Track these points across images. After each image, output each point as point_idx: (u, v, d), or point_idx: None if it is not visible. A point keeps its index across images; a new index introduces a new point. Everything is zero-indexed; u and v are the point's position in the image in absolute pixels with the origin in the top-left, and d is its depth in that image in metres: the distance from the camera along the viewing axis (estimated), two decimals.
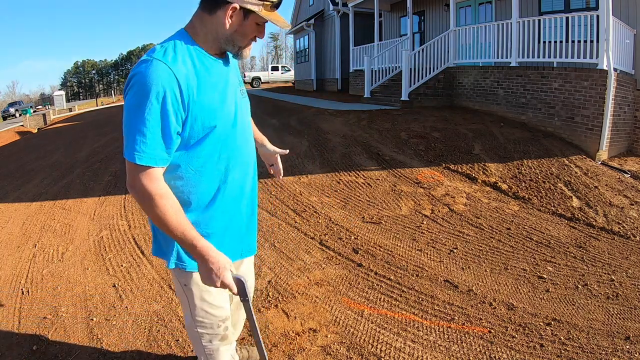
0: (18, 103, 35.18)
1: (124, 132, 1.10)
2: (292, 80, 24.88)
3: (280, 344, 2.18)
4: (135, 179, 1.10)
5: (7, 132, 16.60)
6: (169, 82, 1.08)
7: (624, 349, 2.18)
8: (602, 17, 5.63)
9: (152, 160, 1.10)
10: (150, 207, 1.12)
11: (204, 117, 1.17)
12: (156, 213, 1.11)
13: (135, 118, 1.07)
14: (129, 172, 1.11)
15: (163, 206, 1.11)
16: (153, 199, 1.10)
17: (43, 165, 7.01)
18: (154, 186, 1.11)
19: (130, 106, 1.08)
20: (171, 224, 1.12)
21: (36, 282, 2.94)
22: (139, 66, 1.10)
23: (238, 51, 1.25)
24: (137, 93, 1.07)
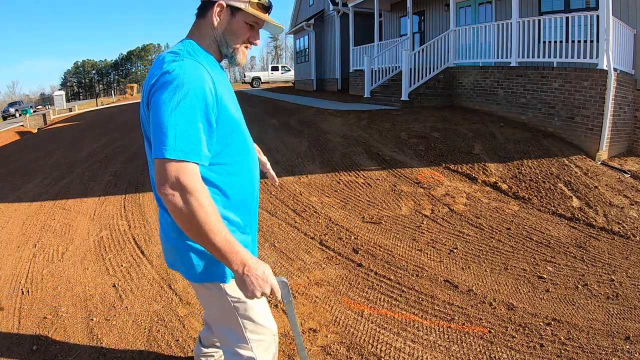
0: (18, 103, 35.17)
1: (157, 131, 1.02)
2: (292, 80, 24.88)
3: (280, 343, 2.18)
4: (174, 177, 1.01)
5: (7, 132, 16.59)
6: (205, 78, 1.08)
7: (624, 349, 2.18)
8: (602, 17, 5.63)
9: (196, 156, 1.04)
10: (191, 208, 1.00)
11: (227, 118, 1.17)
12: (198, 214, 1.01)
13: (174, 113, 1.02)
14: (164, 171, 1.01)
15: (207, 205, 1.02)
16: (197, 198, 1.01)
17: (43, 165, 7.01)
18: (196, 182, 1.03)
19: (165, 102, 1.02)
20: (214, 227, 1.02)
21: (36, 282, 2.94)
22: (168, 64, 1.07)
23: (232, 53, 1.24)
24: (174, 89, 1.03)
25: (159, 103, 1.03)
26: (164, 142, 1.01)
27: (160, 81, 1.05)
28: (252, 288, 1.07)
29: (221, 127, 1.14)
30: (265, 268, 1.09)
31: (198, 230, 1.02)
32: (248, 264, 1.06)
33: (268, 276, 1.09)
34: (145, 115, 1.15)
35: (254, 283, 1.07)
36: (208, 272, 1.20)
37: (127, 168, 6.04)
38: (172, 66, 1.07)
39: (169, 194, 1.01)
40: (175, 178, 1.01)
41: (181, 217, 1.02)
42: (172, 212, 1.03)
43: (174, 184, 1.01)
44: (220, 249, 1.04)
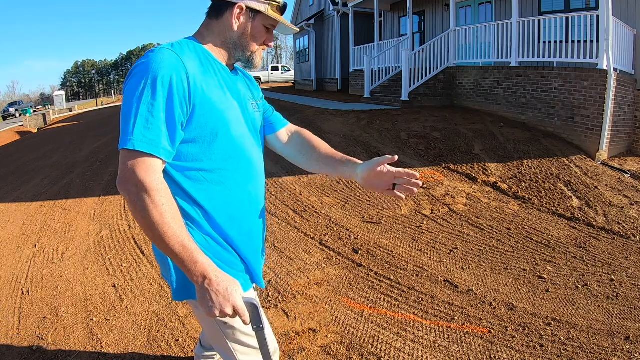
0: (18, 103, 35.19)
1: (121, 121, 0.95)
2: (292, 80, 24.88)
3: (280, 344, 2.18)
4: (129, 170, 0.91)
5: (7, 132, 16.60)
6: (176, 67, 0.98)
7: (624, 349, 2.18)
8: (602, 17, 5.63)
9: (154, 148, 0.93)
10: (145, 207, 0.89)
11: (209, 114, 1.05)
12: (152, 214, 0.89)
13: (136, 102, 0.94)
14: (122, 164, 0.92)
15: (162, 205, 0.91)
16: (151, 196, 0.90)
17: (43, 165, 7.01)
18: (151, 179, 0.91)
19: (130, 91, 0.95)
20: (169, 229, 0.90)
21: (36, 282, 2.94)
22: (143, 57, 1.01)
23: (249, 57, 1.18)
24: (140, 78, 0.96)
25: (125, 93, 0.97)
26: (124, 131, 0.93)
27: (131, 73, 0.99)
28: (211, 305, 0.92)
29: (200, 124, 1.03)
30: (230, 284, 0.94)
31: (152, 232, 0.91)
32: (209, 277, 0.92)
33: (231, 294, 0.93)
34: None
35: (212, 299, 0.92)
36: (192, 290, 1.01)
37: None
38: (144, 57, 1.00)
39: (124, 190, 0.91)
40: (131, 171, 0.91)
41: (136, 216, 0.92)
42: (130, 210, 0.93)
43: (129, 178, 0.91)
44: (177, 255, 0.92)
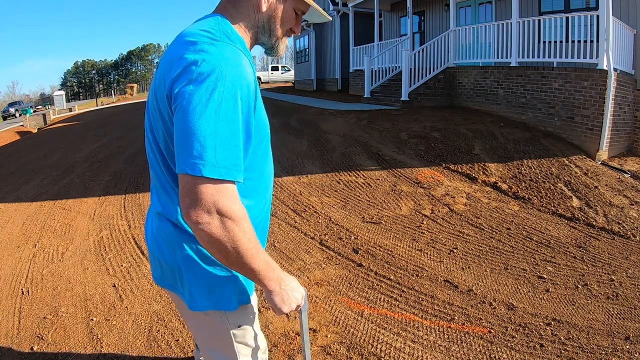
0: (18, 103, 35.20)
1: (188, 139, 0.78)
2: (292, 80, 24.88)
3: (280, 344, 2.18)
4: (212, 202, 0.79)
5: (7, 132, 16.60)
6: (247, 72, 0.85)
7: (624, 349, 2.18)
8: (602, 17, 5.63)
9: (238, 174, 0.82)
10: (232, 237, 0.82)
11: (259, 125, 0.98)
12: (240, 243, 0.83)
13: (214, 118, 0.79)
14: (199, 194, 0.79)
15: (249, 231, 0.84)
16: (239, 224, 0.82)
17: (43, 165, 7.01)
18: (237, 207, 0.82)
19: (202, 103, 0.78)
20: (255, 252, 0.86)
21: (36, 282, 2.94)
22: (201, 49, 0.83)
23: (274, 43, 1.05)
24: (215, 85, 0.79)
25: (192, 102, 0.79)
26: (200, 155, 0.78)
27: (192, 71, 0.80)
28: (290, 302, 0.98)
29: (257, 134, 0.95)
30: (293, 280, 1.01)
31: (237, 258, 0.85)
32: (284, 280, 0.97)
33: (298, 287, 1.01)
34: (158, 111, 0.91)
35: (290, 297, 0.98)
36: (215, 299, 1.01)
37: (127, 168, 6.03)
38: (207, 52, 0.82)
39: (204, 222, 0.80)
40: (212, 202, 0.79)
41: (218, 246, 0.82)
42: (206, 242, 0.82)
43: (211, 209, 0.79)
44: (259, 272, 0.90)
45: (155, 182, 1.03)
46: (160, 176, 0.99)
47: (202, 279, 0.98)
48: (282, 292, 0.97)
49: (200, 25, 0.92)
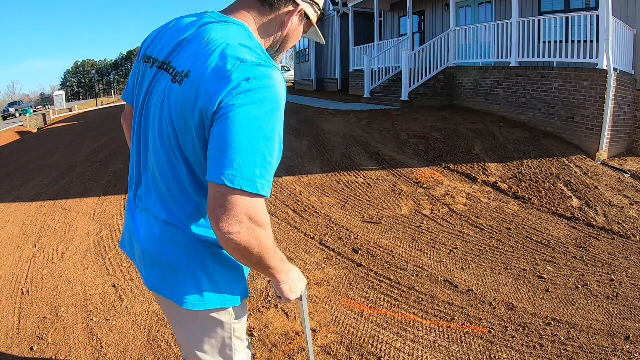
0: (18, 103, 35.22)
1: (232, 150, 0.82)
2: (292, 80, 24.88)
3: (280, 344, 2.18)
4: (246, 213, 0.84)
5: (7, 132, 16.60)
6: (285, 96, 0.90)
7: (624, 349, 2.18)
8: (602, 17, 5.63)
9: (269, 190, 0.88)
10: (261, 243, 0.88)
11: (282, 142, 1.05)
12: (266, 247, 0.90)
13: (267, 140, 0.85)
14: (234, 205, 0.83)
15: (272, 235, 0.92)
16: (266, 231, 0.89)
17: (43, 165, 7.01)
18: (267, 216, 0.90)
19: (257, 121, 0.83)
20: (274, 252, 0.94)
21: (36, 282, 2.94)
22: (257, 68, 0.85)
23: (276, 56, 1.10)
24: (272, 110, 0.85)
25: (250, 118, 0.83)
26: (241, 168, 0.82)
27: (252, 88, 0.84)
28: (296, 290, 1.08)
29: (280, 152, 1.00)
30: (297, 270, 1.09)
31: (259, 260, 0.91)
32: (291, 270, 1.06)
33: (302, 276, 1.10)
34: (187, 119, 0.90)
35: (297, 286, 1.07)
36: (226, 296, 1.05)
37: (127, 168, 6.02)
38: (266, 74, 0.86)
39: (235, 232, 0.84)
40: (246, 213, 0.84)
41: (245, 253, 0.88)
42: (234, 249, 0.87)
43: (243, 220, 0.84)
44: (274, 267, 0.97)
45: (160, 188, 1.01)
46: (172, 184, 0.98)
47: (216, 279, 1.02)
48: (289, 282, 1.05)
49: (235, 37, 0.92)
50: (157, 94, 0.98)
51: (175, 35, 0.99)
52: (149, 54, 1.04)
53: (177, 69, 0.93)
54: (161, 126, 0.95)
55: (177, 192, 0.98)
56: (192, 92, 0.88)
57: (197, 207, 1.00)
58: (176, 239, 1.00)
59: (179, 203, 0.99)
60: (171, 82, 0.93)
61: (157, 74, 0.99)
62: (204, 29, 0.95)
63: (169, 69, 0.96)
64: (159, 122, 0.96)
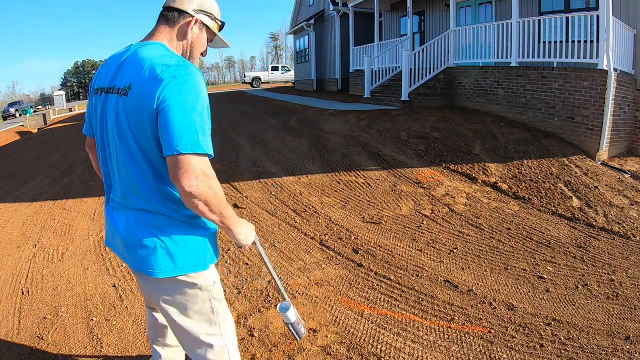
0: (18, 103, 35.19)
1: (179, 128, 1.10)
2: (292, 80, 24.88)
3: (280, 344, 2.18)
4: (201, 170, 1.12)
5: (7, 132, 16.60)
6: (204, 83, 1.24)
7: (624, 349, 2.18)
8: (602, 17, 5.63)
9: (211, 150, 1.16)
10: (215, 191, 1.15)
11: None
12: (218, 195, 1.16)
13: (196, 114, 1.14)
14: (191, 166, 1.10)
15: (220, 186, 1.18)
16: (216, 182, 1.16)
17: (43, 165, 7.01)
18: (212, 171, 1.17)
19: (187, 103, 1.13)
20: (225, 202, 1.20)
21: (36, 282, 2.94)
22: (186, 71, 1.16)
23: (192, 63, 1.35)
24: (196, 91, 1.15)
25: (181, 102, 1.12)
26: (187, 138, 1.10)
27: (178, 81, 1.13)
28: (249, 237, 1.34)
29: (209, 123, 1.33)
30: (245, 221, 1.35)
31: (218, 209, 1.17)
32: (242, 223, 1.32)
33: (250, 225, 1.37)
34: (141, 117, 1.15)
35: (248, 234, 1.34)
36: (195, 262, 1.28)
37: None
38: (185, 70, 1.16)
39: (194, 184, 1.11)
40: (200, 169, 1.12)
41: (206, 199, 1.13)
42: (197, 198, 1.12)
43: (199, 174, 1.11)
44: (229, 217, 1.22)
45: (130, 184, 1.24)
46: (140, 177, 1.21)
47: (185, 248, 1.26)
48: (243, 232, 1.31)
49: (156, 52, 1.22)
50: (110, 110, 1.22)
51: (112, 66, 1.28)
52: (96, 87, 1.31)
53: (119, 86, 1.20)
54: (120, 133, 1.20)
55: (144, 184, 1.22)
56: (137, 97, 1.15)
57: (161, 193, 1.23)
58: (148, 221, 1.24)
59: (147, 192, 1.22)
60: (118, 97, 1.19)
61: (106, 97, 1.25)
62: (132, 53, 1.24)
63: (113, 90, 1.22)
64: (117, 131, 1.20)
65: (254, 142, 6.79)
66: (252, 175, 5.09)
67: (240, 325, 2.34)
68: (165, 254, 1.24)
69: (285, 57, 68.24)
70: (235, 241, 1.34)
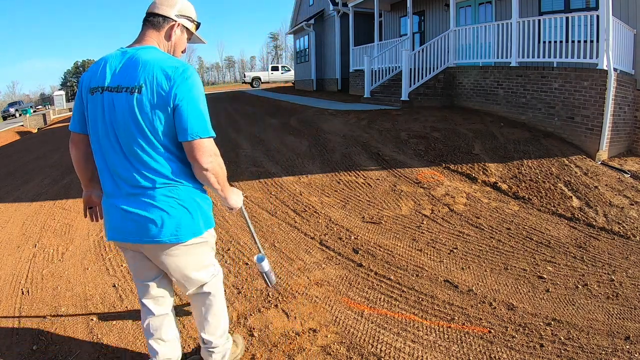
0: (18, 103, 35.20)
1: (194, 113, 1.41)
2: (292, 80, 24.87)
3: (280, 344, 2.18)
4: (213, 149, 1.46)
5: (7, 132, 16.60)
6: None
7: (624, 349, 2.18)
8: (602, 17, 5.63)
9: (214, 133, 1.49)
10: (221, 165, 1.51)
11: None
12: (223, 168, 1.52)
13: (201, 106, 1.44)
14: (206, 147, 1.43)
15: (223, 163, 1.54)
16: (221, 158, 1.51)
17: (43, 165, 7.01)
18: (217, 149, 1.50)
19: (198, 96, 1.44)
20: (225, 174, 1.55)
21: (36, 282, 2.94)
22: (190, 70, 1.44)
23: None
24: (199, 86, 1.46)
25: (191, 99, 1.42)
26: (201, 124, 1.42)
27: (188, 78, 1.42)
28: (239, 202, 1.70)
29: None
30: (234, 188, 1.68)
31: (222, 180, 1.53)
32: (232, 189, 1.66)
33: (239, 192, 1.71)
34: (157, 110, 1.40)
35: (238, 199, 1.69)
36: (208, 221, 1.62)
37: None
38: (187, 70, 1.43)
39: (209, 161, 1.45)
40: (213, 149, 1.46)
41: (216, 173, 1.49)
42: (210, 172, 1.46)
43: (212, 153, 1.45)
44: (226, 186, 1.58)
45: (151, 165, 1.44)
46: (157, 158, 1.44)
47: (198, 210, 1.56)
48: (234, 198, 1.66)
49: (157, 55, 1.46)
50: (121, 106, 1.40)
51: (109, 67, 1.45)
52: (93, 85, 1.46)
53: (127, 85, 1.40)
54: (137, 124, 1.40)
55: (160, 162, 1.45)
56: (152, 94, 1.39)
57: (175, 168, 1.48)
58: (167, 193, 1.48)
59: (164, 169, 1.46)
60: (129, 95, 1.39)
61: (110, 95, 1.42)
62: (132, 57, 1.45)
63: (120, 89, 1.41)
64: (134, 123, 1.40)
65: (254, 142, 6.79)
66: (252, 175, 5.09)
67: (240, 325, 2.34)
68: (190, 218, 1.53)
69: (285, 57, 68.23)
70: (227, 205, 1.66)
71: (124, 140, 1.42)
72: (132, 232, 1.48)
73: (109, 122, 1.42)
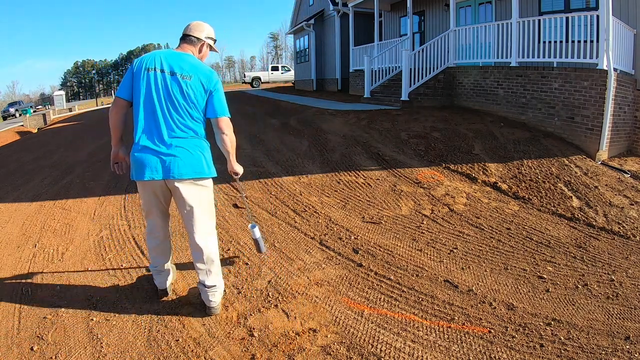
0: (18, 103, 35.19)
1: (220, 103, 2.32)
2: (292, 80, 24.87)
3: (280, 344, 2.18)
4: (230, 124, 2.34)
5: (7, 132, 16.60)
6: None
7: (624, 349, 2.18)
8: (602, 17, 5.63)
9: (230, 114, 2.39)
10: (234, 136, 2.36)
11: None
12: (235, 139, 2.37)
13: (224, 95, 2.37)
14: (227, 122, 2.33)
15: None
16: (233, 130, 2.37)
17: (43, 165, 7.00)
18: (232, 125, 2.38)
19: (221, 89, 2.34)
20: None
21: (36, 282, 2.94)
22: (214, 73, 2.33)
23: None
24: (222, 85, 2.34)
25: (219, 88, 2.33)
26: (224, 108, 2.34)
27: (213, 77, 2.30)
28: (241, 169, 2.51)
29: None
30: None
31: (233, 146, 2.37)
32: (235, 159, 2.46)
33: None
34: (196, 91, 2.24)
35: (240, 166, 2.51)
36: (212, 168, 2.37)
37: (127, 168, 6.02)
38: (215, 73, 2.33)
39: (229, 131, 2.33)
40: (230, 124, 2.35)
41: (232, 139, 2.34)
42: (228, 137, 2.33)
43: (230, 126, 2.35)
44: (234, 154, 2.40)
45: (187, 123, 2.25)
46: (191, 120, 2.26)
47: (209, 158, 2.36)
48: (238, 164, 2.48)
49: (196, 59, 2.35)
50: (175, 84, 2.21)
51: (164, 58, 2.25)
52: (150, 66, 2.21)
53: (181, 73, 2.22)
54: (184, 97, 2.22)
55: (192, 123, 2.27)
56: (199, 82, 2.25)
57: (199, 128, 2.31)
58: (195, 143, 2.28)
59: (194, 127, 2.28)
60: (181, 79, 2.21)
61: (164, 75, 2.21)
62: (181, 55, 2.28)
63: (174, 74, 2.22)
64: (182, 96, 2.21)
65: (254, 142, 6.79)
66: (252, 175, 5.09)
67: (240, 325, 2.34)
68: (206, 163, 2.31)
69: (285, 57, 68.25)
70: (233, 170, 2.46)
71: (171, 106, 2.19)
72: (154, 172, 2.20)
73: (164, 93, 2.17)
